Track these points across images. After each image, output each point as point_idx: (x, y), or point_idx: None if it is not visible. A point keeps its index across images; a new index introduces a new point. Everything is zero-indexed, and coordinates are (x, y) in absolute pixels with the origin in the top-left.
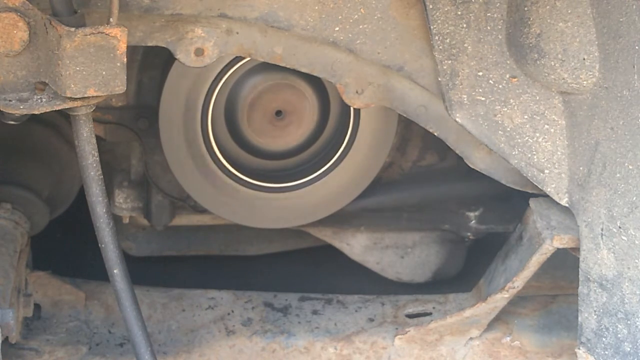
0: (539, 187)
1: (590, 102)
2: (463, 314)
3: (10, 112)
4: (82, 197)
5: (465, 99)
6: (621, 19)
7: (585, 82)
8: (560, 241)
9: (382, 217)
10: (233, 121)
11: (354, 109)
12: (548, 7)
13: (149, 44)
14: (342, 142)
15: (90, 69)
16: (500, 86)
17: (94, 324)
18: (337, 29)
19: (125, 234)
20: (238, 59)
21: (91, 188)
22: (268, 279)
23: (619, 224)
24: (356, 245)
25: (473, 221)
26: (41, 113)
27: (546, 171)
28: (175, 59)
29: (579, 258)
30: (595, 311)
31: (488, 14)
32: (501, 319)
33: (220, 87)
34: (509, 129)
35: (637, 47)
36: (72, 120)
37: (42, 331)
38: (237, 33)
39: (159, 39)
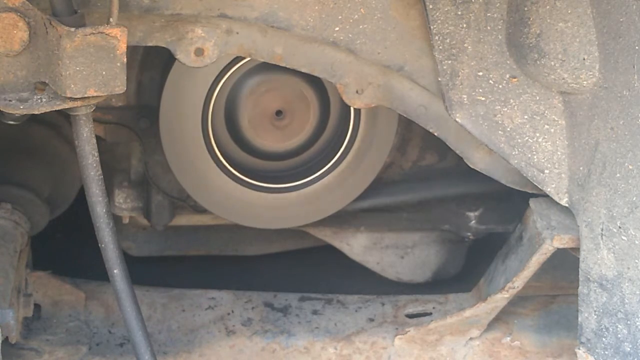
0: (539, 187)
1: (590, 102)
2: (463, 314)
3: (10, 112)
4: (82, 197)
5: (465, 99)
6: (621, 19)
7: (585, 82)
8: (560, 241)
9: (382, 217)
10: (233, 121)
11: (354, 109)
12: (548, 7)
13: (149, 44)
14: (343, 143)
15: (90, 69)
16: (500, 86)
17: (94, 324)
18: (337, 29)
19: (125, 234)
20: (238, 59)
21: (91, 188)
22: (268, 279)
23: (619, 224)
24: (356, 245)
25: (473, 221)
26: (41, 113)
27: (546, 171)
28: (175, 59)
29: (579, 258)
30: (595, 311)
31: (488, 14)
32: (501, 319)
33: (221, 87)
34: (509, 129)
35: (637, 47)
36: (72, 120)
37: (42, 331)
38: (237, 33)
39: (159, 39)
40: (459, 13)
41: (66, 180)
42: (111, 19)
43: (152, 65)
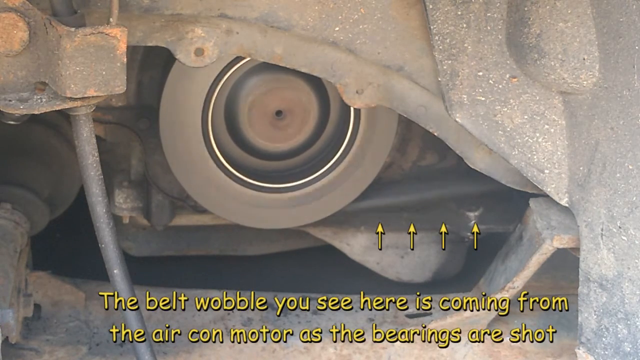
0: (539, 187)
1: (590, 102)
2: (463, 314)
3: (10, 112)
4: (82, 197)
5: (465, 99)
6: (621, 19)
7: (585, 82)
8: (560, 241)
9: (382, 217)
10: (233, 121)
11: (354, 109)
12: (548, 7)
13: (149, 44)
14: (342, 142)
15: (90, 69)
16: (500, 86)
17: (94, 324)
18: (337, 29)
19: (125, 234)
20: (238, 59)
21: (91, 188)
22: (268, 279)
23: (619, 224)
24: (356, 245)
25: (473, 221)
26: (41, 113)
27: (546, 171)
28: (175, 59)
29: (579, 258)
30: (595, 311)
31: (488, 14)
32: (501, 319)
33: (220, 87)
34: (509, 129)
35: (637, 47)
36: (72, 120)
37: (42, 331)
38: (237, 33)
39: (159, 39)
40: (459, 13)
41: (66, 180)
42: (111, 19)
43: (152, 65)
